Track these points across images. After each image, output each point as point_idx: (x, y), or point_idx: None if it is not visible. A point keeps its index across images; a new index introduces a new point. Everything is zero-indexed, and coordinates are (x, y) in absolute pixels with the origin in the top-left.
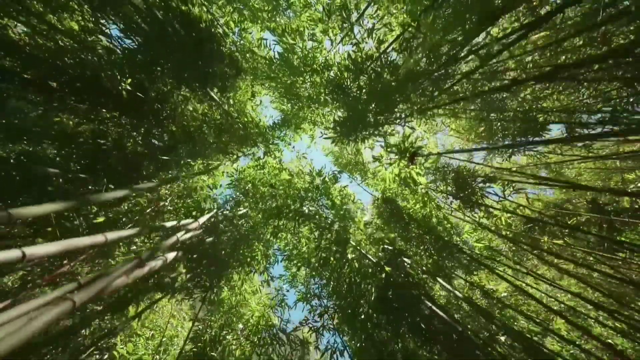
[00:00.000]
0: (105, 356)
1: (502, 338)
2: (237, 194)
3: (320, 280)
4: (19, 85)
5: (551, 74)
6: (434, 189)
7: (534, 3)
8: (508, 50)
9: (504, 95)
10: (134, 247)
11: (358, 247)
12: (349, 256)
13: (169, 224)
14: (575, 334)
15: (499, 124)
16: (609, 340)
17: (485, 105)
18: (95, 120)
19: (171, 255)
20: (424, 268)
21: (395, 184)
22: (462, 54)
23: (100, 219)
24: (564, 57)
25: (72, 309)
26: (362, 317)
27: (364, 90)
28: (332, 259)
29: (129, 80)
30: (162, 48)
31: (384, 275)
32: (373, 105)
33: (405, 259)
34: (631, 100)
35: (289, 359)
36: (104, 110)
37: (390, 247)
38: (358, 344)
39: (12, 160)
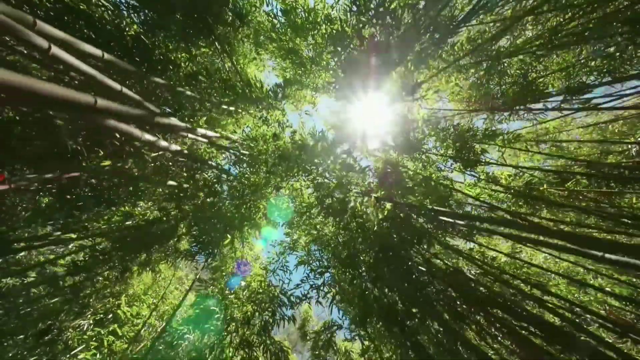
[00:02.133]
0: (110, 315)
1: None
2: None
3: (321, 241)
4: None
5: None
6: (434, 153)
7: None
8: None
9: (504, 58)
10: None
11: (360, 192)
12: (352, 202)
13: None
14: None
15: (498, 88)
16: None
17: (485, 65)
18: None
19: (175, 147)
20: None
21: (395, 153)
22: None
23: (107, 163)
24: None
25: (92, 104)
26: (362, 269)
27: (366, 41)
28: (334, 201)
29: (135, 27)
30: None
31: (386, 212)
32: (376, 57)
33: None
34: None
35: (289, 318)
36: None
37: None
38: (358, 298)
39: None
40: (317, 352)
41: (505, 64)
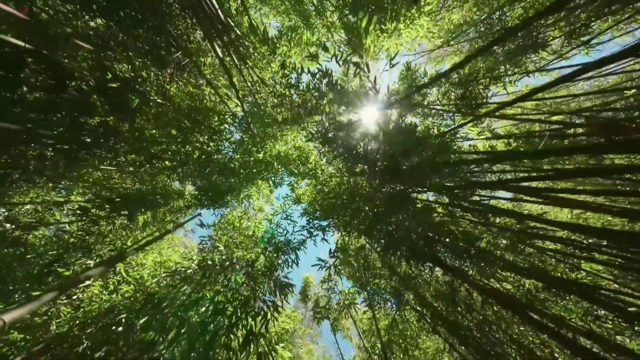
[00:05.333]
0: (117, 268)
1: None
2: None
3: (324, 189)
4: None
5: None
6: (437, 103)
7: None
8: None
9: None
10: None
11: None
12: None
13: None
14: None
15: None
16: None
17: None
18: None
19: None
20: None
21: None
22: None
23: (114, 84)
24: None
25: None
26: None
27: None
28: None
29: None
30: None
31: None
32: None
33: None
34: None
35: (293, 261)
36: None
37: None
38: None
39: None
40: (320, 309)
41: (507, 14)
